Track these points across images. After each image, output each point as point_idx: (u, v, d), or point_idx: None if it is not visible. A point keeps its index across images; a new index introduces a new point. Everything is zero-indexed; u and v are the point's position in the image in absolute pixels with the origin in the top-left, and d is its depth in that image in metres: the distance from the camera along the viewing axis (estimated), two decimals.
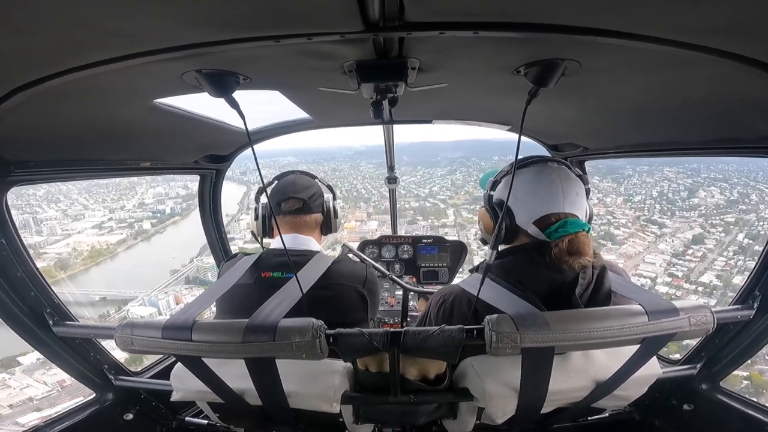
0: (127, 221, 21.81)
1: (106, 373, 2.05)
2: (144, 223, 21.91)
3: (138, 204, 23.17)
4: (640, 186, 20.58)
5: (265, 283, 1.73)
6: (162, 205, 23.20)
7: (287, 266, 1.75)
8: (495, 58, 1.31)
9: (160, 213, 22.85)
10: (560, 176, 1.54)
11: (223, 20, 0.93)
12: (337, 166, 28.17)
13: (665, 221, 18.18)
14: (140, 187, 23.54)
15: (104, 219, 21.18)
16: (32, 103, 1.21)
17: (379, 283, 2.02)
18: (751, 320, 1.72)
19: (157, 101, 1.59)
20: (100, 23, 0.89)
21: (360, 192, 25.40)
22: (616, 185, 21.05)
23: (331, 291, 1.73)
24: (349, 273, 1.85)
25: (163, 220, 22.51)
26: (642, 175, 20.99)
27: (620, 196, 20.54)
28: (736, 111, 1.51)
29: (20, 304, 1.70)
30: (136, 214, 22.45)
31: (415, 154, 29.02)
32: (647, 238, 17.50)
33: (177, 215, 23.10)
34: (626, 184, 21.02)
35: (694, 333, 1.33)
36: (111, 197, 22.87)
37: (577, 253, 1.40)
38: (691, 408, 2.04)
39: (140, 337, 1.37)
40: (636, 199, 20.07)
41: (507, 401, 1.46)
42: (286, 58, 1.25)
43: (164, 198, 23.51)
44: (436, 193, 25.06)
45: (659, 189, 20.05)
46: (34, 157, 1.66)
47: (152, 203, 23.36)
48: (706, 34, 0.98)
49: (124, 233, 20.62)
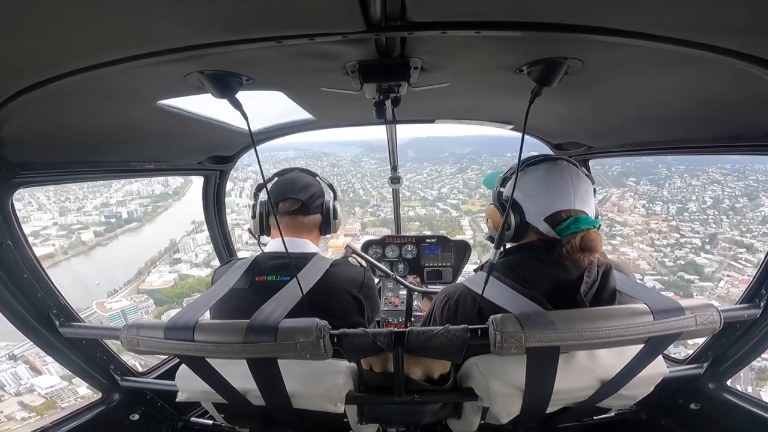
0: (71, 228, 19.21)
1: (113, 374, 2.06)
2: (85, 233, 19.07)
3: (101, 204, 20.79)
4: (685, 189, 18.72)
5: (260, 287, 1.72)
6: (124, 208, 20.93)
7: (283, 269, 1.74)
8: (497, 58, 1.31)
9: (115, 217, 20.59)
10: (570, 173, 1.55)
11: (225, 21, 0.93)
12: (337, 162, 26.73)
13: (750, 240, 15.09)
14: (117, 183, 21.19)
15: (48, 224, 18.76)
16: (37, 104, 1.22)
17: (376, 287, 2.00)
18: (758, 319, 1.71)
19: (161, 102, 1.60)
20: (103, 25, 0.90)
21: (358, 193, 23.53)
22: (656, 188, 19.37)
23: (326, 294, 1.71)
24: (346, 277, 1.83)
25: (114, 227, 20.04)
26: (684, 176, 18.97)
27: (668, 202, 18.44)
28: (739, 108, 1.50)
29: (27, 305, 1.71)
30: (87, 218, 20.00)
31: (421, 149, 27.61)
32: (744, 268, 14.15)
33: (135, 220, 20.81)
34: (669, 187, 19.22)
35: (701, 332, 1.32)
36: (76, 195, 20.48)
37: (589, 250, 1.40)
38: (698, 407, 2.02)
39: (145, 337, 1.38)
40: (691, 208, 17.86)
41: (512, 401, 1.46)
42: (288, 59, 1.26)
43: (134, 197, 21.39)
44: (445, 196, 23.06)
45: (711, 194, 17.91)
46: (39, 158, 1.67)
47: (115, 204, 21.08)
48: (710, 32, 0.97)
49: (56, 245, 18.05)
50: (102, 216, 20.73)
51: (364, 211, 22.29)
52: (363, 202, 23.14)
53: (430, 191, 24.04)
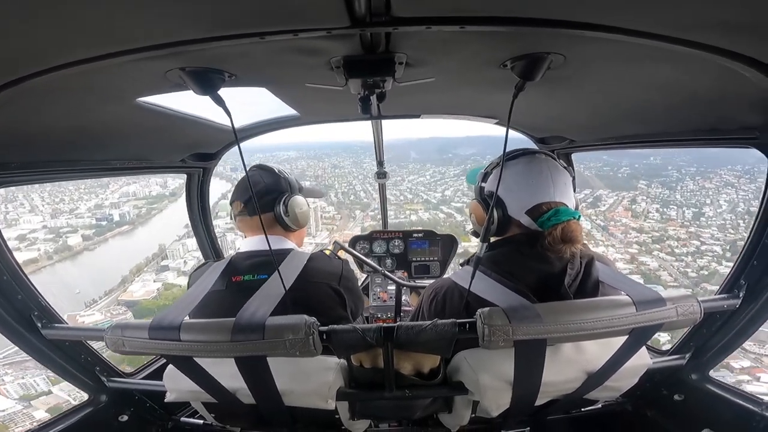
0: (60, 231, 18.26)
1: (99, 375, 2.03)
2: (72, 237, 17.99)
3: (95, 206, 19.88)
4: (698, 192, 17.63)
5: (237, 288, 1.71)
6: (117, 210, 19.90)
7: (259, 267, 1.73)
8: (482, 53, 1.31)
9: (106, 220, 19.60)
10: (549, 167, 1.57)
11: (207, 17, 0.92)
12: (339, 162, 26.18)
13: None
14: (115, 184, 20.33)
15: (37, 227, 17.96)
16: (12, 103, 1.19)
17: (356, 279, 2.00)
18: (738, 309, 1.74)
19: (141, 100, 1.57)
20: (81, 21, 0.87)
21: (359, 195, 22.83)
22: (668, 191, 18.47)
23: (306, 290, 1.69)
24: (324, 270, 1.82)
25: (104, 231, 19.01)
26: (696, 178, 17.86)
27: (682, 206, 17.23)
28: (717, 102, 1.53)
29: (8, 307, 1.67)
30: (79, 221, 18.99)
31: (424, 150, 27.01)
32: None
33: (127, 223, 19.82)
34: (681, 190, 18.29)
35: (682, 323, 1.35)
36: (71, 197, 19.47)
37: (570, 240, 1.42)
38: (682, 398, 2.06)
39: (131, 338, 1.36)
40: (708, 213, 16.59)
41: (501, 394, 1.48)
42: (272, 55, 1.25)
43: (130, 199, 20.39)
44: (449, 199, 22.25)
45: (727, 197, 16.79)
46: (16, 158, 1.63)
47: (108, 206, 20.06)
48: (691, 29, 0.98)
49: (41, 249, 17.20)
50: (93, 219, 19.77)
51: (365, 214, 21.59)
52: (364, 205, 22.48)
53: (433, 194, 23.44)
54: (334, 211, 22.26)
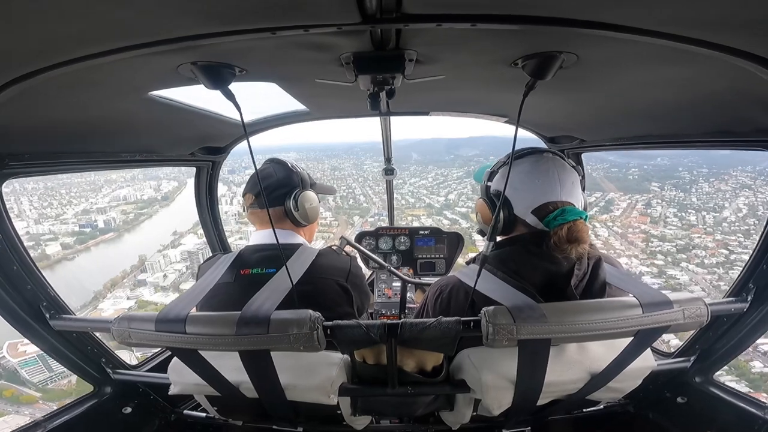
0: (41, 239, 17.07)
1: (104, 367, 2.05)
2: (51, 246, 16.63)
3: (82, 211, 18.72)
4: (715, 195, 16.75)
5: (246, 280, 1.73)
6: (102, 216, 18.64)
7: (267, 261, 1.75)
8: (493, 51, 1.30)
9: (90, 226, 18.31)
10: (556, 166, 1.56)
11: (219, 12, 0.92)
12: (339, 164, 25.52)
13: None
14: (107, 188, 19.16)
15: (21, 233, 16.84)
16: (26, 95, 1.20)
17: (364, 276, 2.01)
18: (745, 313, 1.73)
19: (153, 93, 1.58)
20: (94, 15, 0.88)
21: (358, 200, 21.85)
22: (683, 194, 17.68)
23: (313, 285, 1.70)
24: (332, 266, 1.83)
25: (87, 238, 17.69)
26: (711, 180, 17.11)
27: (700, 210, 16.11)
28: (731, 104, 1.51)
29: (17, 297, 1.69)
30: (63, 227, 17.79)
31: (426, 151, 26.44)
32: None
33: (112, 230, 18.55)
34: (697, 192, 17.46)
35: (688, 326, 1.34)
36: (60, 201, 18.43)
37: (576, 241, 1.41)
38: (685, 401, 2.06)
39: (137, 330, 1.37)
40: (729, 217, 15.69)
41: (503, 393, 1.48)
42: (282, 50, 1.24)
43: (120, 203, 19.22)
44: (453, 203, 21.27)
45: (746, 200, 15.92)
46: (29, 149, 1.65)
47: (95, 211, 18.82)
48: (705, 28, 0.97)
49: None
50: (77, 225, 18.51)
51: (364, 220, 20.76)
52: (364, 210, 21.69)
53: (437, 197, 22.61)
54: (331, 217, 21.55)
